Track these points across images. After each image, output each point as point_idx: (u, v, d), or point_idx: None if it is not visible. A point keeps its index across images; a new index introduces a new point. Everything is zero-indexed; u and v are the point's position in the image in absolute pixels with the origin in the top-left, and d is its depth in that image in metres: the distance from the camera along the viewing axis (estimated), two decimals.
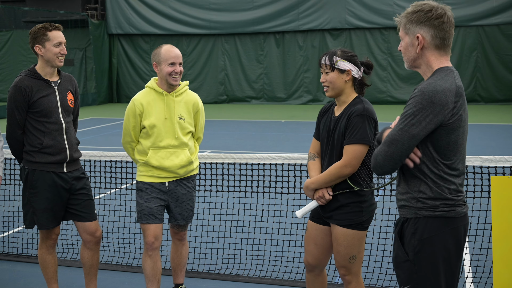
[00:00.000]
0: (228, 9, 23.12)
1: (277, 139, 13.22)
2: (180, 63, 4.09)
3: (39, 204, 4.04)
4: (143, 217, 4.09)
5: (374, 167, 2.64)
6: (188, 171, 4.15)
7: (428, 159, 2.57)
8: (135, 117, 4.08)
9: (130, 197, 6.60)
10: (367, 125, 3.31)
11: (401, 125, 2.53)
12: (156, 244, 4.10)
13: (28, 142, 4.02)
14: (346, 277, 3.51)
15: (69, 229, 5.91)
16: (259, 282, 4.82)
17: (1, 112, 18.09)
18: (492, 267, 4.03)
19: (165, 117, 4.05)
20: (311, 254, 3.61)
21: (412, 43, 2.63)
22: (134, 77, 24.40)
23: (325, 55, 3.42)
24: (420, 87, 2.53)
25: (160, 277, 4.18)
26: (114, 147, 11.51)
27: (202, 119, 4.28)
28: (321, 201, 3.43)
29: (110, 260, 5.33)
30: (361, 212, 3.40)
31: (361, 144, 3.30)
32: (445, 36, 2.61)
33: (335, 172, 3.35)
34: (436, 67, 2.62)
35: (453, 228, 2.59)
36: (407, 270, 2.63)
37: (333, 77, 3.38)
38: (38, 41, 3.98)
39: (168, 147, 4.05)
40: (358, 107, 3.35)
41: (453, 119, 2.53)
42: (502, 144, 11.89)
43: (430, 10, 2.59)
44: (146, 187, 4.12)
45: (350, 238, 3.41)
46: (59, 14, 23.31)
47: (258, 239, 5.41)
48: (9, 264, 5.32)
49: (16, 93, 3.95)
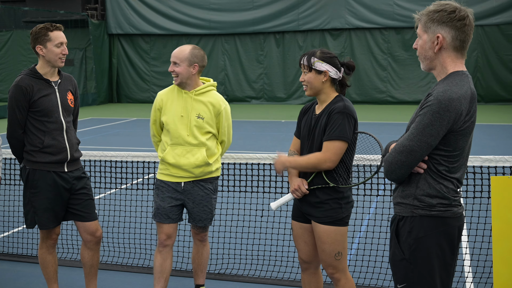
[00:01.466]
0: (228, 9, 23.13)
1: (277, 139, 13.23)
2: (174, 62, 4.03)
3: (40, 203, 4.04)
4: (157, 215, 4.14)
5: (389, 175, 2.63)
6: (204, 172, 4.09)
7: (432, 160, 2.58)
8: (155, 111, 4.14)
9: (130, 197, 6.60)
10: (347, 123, 3.35)
11: (419, 135, 2.51)
12: (168, 242, 4.14)
13: (29, 142, 4.03)
14: (335, 275, 3.52)
15: (69, 229, 5.92)
16: (259, 282, 4.82)
17: (1, 112, 18.09)
18: (492, 267, 4.03)
19: (181, 114, 4.05)
20: (303, 251, 3.64)
21: (431, 42, 2.60)
22: (134, 77, 24.41)
23: (304, 56, 3.48)
24: (436, 94, 2.50)
25: (168, 276, 4.17)
26: (114, 147, 11.50)
27: (226, 122, 4.18)
28: (296, 194, 3.46)
29: (110, 260, 5.33)
30: (341, 209, 3.44)
31: (340, 140, 3.34)
32: (465, 39, 2.59)
33: (313, 161, 3.37)
34: (451, 70, 2.59)
35: (448, 228, 2.61)
36: (403, 269, 2.65)
37: (311, 77, 3.44)
38: (40, 41, 3.98)
39: (184, 145, 4.04)
40: (339, 105, 3.40)
41: (465, 125, 2.53)
42: (502, 144, 11.89)
43: (453, 11, 2.57)
44: (162, 185, 4.13)
45: (333, 235, 3.43)
46: (59, 14, 23.31)
47: (258, 239, 5.41)
48: (9, 264, 5.33)
49: (17, 92, 3.95)
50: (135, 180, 4.31)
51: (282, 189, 5.25)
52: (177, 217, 4.15)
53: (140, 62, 24.42)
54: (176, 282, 4.84)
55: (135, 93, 24.49)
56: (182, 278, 4.93)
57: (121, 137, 14.04)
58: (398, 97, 21.71)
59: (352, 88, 21.73)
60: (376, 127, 15.12)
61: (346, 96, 3.62)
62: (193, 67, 4.04)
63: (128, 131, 15.37)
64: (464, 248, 4.76)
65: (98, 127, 16.15)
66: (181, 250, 5.39)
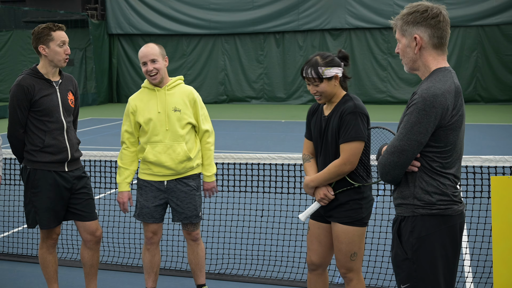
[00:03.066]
0: (228, 9, 23.13)
1: (277, 139, 13.23)
2: (152, 60, 4.04)
3: (41, 203, 4.04)
4: (140, 215, 4.20)
5: (384, 176, 2.66)
6: (186, 168, 4.13)
7: (425, 157, 2.59)
8: (128, 115, 4.16)
9: None
10: (360, 122, 3.35)
11: (408, 134, 2.53)
12: (155, 239, 4.24)
13: (30, 142, 4.03)
14: (348, 275, 3.53)
15: (69, 229, 5.92)
16: (259, 282, 4.82)
17: (1, 112, 18.08)
18: (492, 267, 4.03)
19: (158, 111, 4.07)
20: (316, 252, 3.62)
21: (410, 44, 2.64)
22: (134, 77, 24.40)
23: (308, 68, 3.41)
24: (420, 92, 2.53)
25: (158, 270, 4.32)
26: (114, 147, 11.51)
27: (202, 110, 4.22)
28: (324, 202, 3.46)
29: (110, 260, 5.33)
30: (361, 209, 3.44)
31: (357, 141, 3.33)
32: (442, 35, 2.62)
33: (334, 171, 3.37)
34: (433, 67, 2.63)
35: (450, 225, 2.61)
36: (406, 269, 2.65)
37: (324, 87, 3.41)
38: (42, 41, 3.98)
39: (164, 141, 4.07)
40: (349, 104, 3.38)
41: (453, 120, 2.54)
42: (502, 144, 11.89)
43: (425, 10, 2.60)
44: (145, 185, 4.17)
45: (350, 235, 3.44)
46: (59, 14, 23.31)
47: (258, 239, 5.41)
48: (9, 264, 5.33)
49: (18, 91, 3.95)
50: (135, 180, 4.32)
51: (282, 189, 5.26)
52: (161, 217, 4.20)
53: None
54: (176, 282, 4.84)
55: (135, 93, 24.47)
56: (182, 278, 4.93)
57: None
58: (398, 96, 21.71)
59: (352, 88, 21.73)
60: None
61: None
62: (165, 60, 4.15)
63: None
64: (464, 248, 4.76)
65: (98, 127, 16.15)
66: (181, 250, 5.40)
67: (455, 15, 20.11)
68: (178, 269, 5.11)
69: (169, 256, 5.31)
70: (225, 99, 23.32)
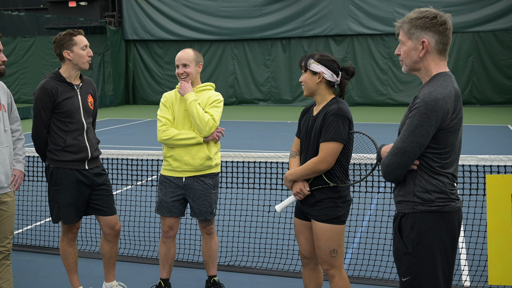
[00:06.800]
0: (238, 16, 23.15)
1: (283, 139, 13.23)
2: (184, 64, 4.10)
3: (63, 200, 4.06)
4: (159, 209, 4.22)
5: (387, 176, 2.65)
6: (204, 166, 4.13)
7: (425, 158, 2.59)
8: (166, 107, 4.17)
9: (145, 193, 6.63)
10: (341, 124, 3.32)
11: (411, 136, 2.52)
12: (171, 233, 4.24)
13: (52, 141, 4.05)
14: (329, 272, 3.49)
15: (88, 223, 5.95)
16: (266, 274, 4.83)
17: (25, 113, 18.16)
18: (487, 260, 4.01)
19: (185, 109, 4.10)
20: (304, 247, 3.63)
21: (416, 48, 2.61)
22: (149, 80, 24.49)
23: (304, 57, 3.48)
24: (422, 96, 2.52)
25: (172, 262, 4.32)
26: (130, 146, 11.55)
27: (214, 104, 4.10)
28: (299, 196, 3.46)
29: (126, 252, 5.35)
30: (337, 208, 3.40)
31: (335, 141, 3.31)
32: (447, 42, 2.62)
33: (311, 167, 3.37)
34: (434, 72, 2.62)
35: (448, 221, 2.61)
36: (407, 262, 2.65)
37: (306, 78, 3.44)
38: (66, 46, 4.00)
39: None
40: (333, 107, 3.37)
41: (453, 123, 2.54)
42: (497, 144, 11.83)
43: (435, 16, 2.59)
44: (165, 180, 4.19)
45: (328, 233, 3.40)
46: (79, 21, 23.42)
47: (265, 233, 5.42)
48: (32, 256, 5.36)
49: (42, 94, 3.97)
50: (150, 177, 4.33)
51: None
52: (179, 212, 4.20)
53: (155, 66, 24.48)
54: (189, 274, 4.86)
55: (150, 95, 24.56)
56: (194, 270, 4.95)
57: (137, 137, 14.09)
58: (398, 99, 21.64)
59: (354, 90, 21.68)
60: (377, 128, 15.08)
61: (348, 99, 3.62)
62: (198, 66, 4.17)
63: (143, 131, 15.41)
64: (461, 243, 4.74)
65: (115, 127, 16.20)
66: (193, 243, 5.41)
67: (453, 21, 19.89)
68: (191, 261, 5.12)
69: (181, 249, 5.33)
70: (234, 101, 23.34)
